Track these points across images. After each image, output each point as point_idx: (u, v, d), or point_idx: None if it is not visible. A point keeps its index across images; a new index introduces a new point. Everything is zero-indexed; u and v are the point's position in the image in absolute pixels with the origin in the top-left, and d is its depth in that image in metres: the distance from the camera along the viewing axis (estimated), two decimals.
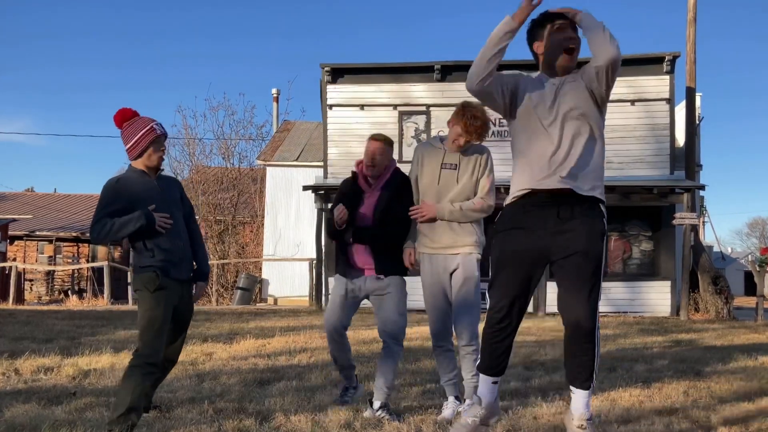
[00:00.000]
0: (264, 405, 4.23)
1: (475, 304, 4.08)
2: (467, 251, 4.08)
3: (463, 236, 4.10)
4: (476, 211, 4.12)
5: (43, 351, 6.38)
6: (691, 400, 4.55)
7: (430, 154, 4.16)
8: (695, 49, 16.06)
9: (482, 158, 4.13)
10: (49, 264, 27.28)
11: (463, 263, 4.05)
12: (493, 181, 4.15)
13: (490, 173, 4.13)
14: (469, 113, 3.99)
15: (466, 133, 4.01)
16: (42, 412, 4.00)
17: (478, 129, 4.04)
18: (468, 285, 4.04)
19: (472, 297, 4.05)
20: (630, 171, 14.91)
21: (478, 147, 4.17)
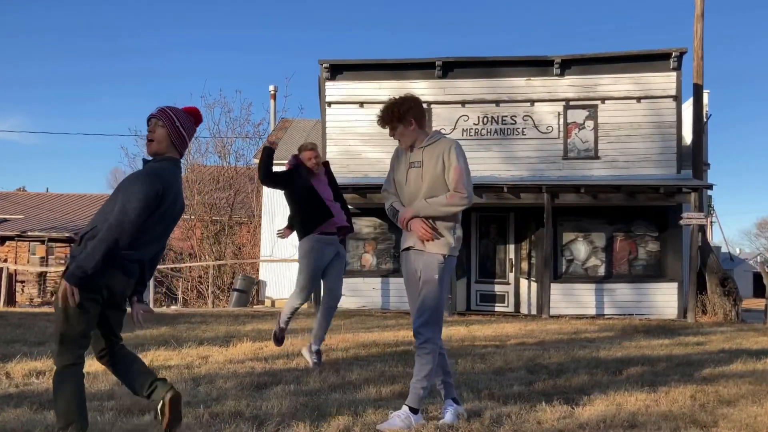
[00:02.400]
0: (261, 410, 4.23)
1: (432, 307, 3.97)
2: (433, 251, 4.00)
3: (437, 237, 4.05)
4: (447, 205, 3.96)
5: (34, 354, 6.38)
6: (699, 405, 4.55)
7: (400, 157, 4.21)
8: (703, 45, 16.06)
9: (446, 151, 4.01)
10: (41, 265, 27.28)
11: (425, 264, 4.00)
12: (462, 171, 3.96)
13: (457, 164, 3.96)
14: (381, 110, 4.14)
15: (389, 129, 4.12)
16: (34, 416, 4.00)
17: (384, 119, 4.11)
18: (426, 288, 3.98)
19: (428, 301, 3.97)
20: (636, 170, 14.91)
21: (441, 140, 4.08)
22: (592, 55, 15.33)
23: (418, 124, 4.07)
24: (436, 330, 3.98)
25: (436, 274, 3.97)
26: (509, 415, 4.13)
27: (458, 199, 3.94)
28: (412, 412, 3.93)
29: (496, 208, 15.88)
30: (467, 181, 3.96)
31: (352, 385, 5.09)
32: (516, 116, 15.43)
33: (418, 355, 3.98)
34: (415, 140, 4.09)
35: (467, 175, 3.98)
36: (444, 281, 4.01)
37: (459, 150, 4.02)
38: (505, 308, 15.92)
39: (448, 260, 4.01)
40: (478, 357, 6.70)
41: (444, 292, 4.03)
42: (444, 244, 4.00)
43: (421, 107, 4.12)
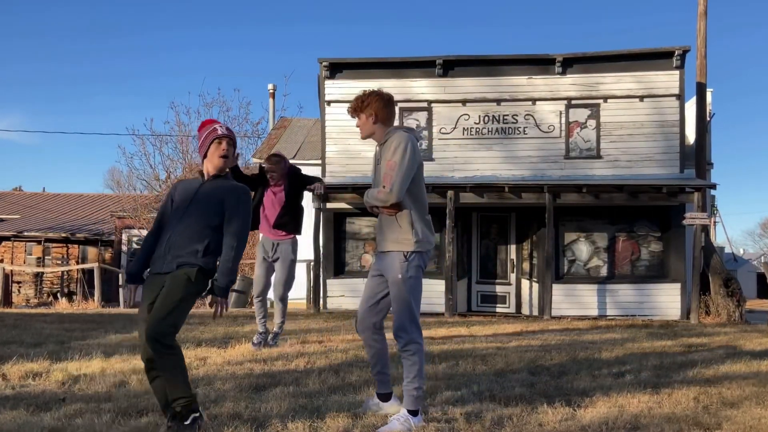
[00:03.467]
0: (260, 411, 4.23)
1: (405, 308, 3.98)
2: (391, 248, 4.02)
3: (386, 233, 4.06)
4: (374, 198, 4.00)
5: (31, 356, 6.38)
6: (702, 407, 4.55)
7: (375, 155, 4.28)
8: (706, 43, 16.07)
9: (391, 144, 4.02)
10: (37, 265, 27.28)
11: (388, 265, 4.03)
12: (393, 165, 3.93)
13: (390, 158, 3.95)
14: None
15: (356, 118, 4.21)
16: (30, 418, 4.00)
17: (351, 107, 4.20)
18: (393, 289, 4.01)
19: (399, 302, 3.98)
20: (638, 169, 14.92)
21: (394, 134, 4.08)
22: (594, 54, 15.33)
23: (379, 119, 4.11)
24: (415, 329, 3.99)
25: (399, 273, 3.97)
26: (510, 417, 4.13)
27: (382, 194, 3.95)
28: (412, 414, 3.93)
29: (497, 208, 15.88)
30: (398, 177, 3.91)
31: (352, 386, 5.09)
32: (517, 115, 15.43)
33: (404, 358, 3.99)
34: (373, 134, 4.15)
35: (400, 171, 3.92)
36: (412, 279, 3.99)
37: (400, 143, 3.98)
38: (506, 309, 15.92)
39: (413, 258, 3.99)
40: (479, 358, 6.70)
41: (414, 290, 4.00)
42: (402, 239, 3.99)
43: (388, 104, 4.15)
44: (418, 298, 4.04)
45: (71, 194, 34.11)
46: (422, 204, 4.11)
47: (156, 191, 26.71)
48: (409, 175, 3.96)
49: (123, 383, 5.22)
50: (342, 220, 16.01)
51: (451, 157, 15.49)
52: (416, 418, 3.94)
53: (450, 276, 14.46)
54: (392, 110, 4.18)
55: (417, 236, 3.98)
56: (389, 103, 4.17)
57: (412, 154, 3.97)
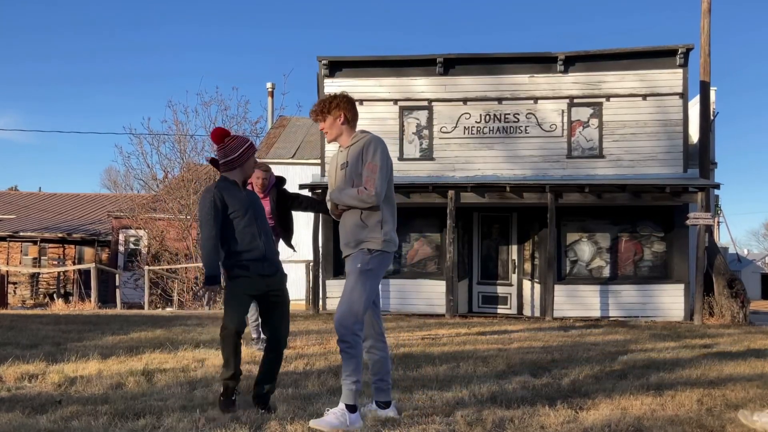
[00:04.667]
0: (258, 414, 4.23)
1: (352, 300, 3.97)
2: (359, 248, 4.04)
3: (354, 233, 4.07)
4: (354, 198, 4.02)
5: (27, 357, 6.38)
6: (706, 409, 4.55)
7: (334, 157, 4.30)
8: (710, 41, 16.06)
9: (365, 147, 4.07)
10: (33, 266, 27.28)
11: (352, 259, 4.06)
12: (375, 168, 4.00)
13: (371, 161, 4.01)
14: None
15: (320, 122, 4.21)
16: (26, 421, 4.00)
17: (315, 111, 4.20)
18: (348, 279, 4.05)
19: (348, 292, 4.01)
20: (641, 169, 14.92)
21: (364, 137, 4.13)
22: (596, 52, 15.32)
23: (346, 120, 4.16)
24: (357, 322, 3.96)
25: (359, 263, 4.00)
26: (512, 419, 4.13)
27: (365, 196, 3.99)
28: (349, 410, 3.92)
29: (499, 208, 15.88)
30: (380, 179, 3.99)
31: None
32: (519, 114, 15.43)
33: (342, 350, 3.98)
34: (340, 135, 4.17)
35: (381, 173, 4.00)
36: (370, 276, 3.99)
37: (377, 146, 4.05)
38: (507, 310, 15.92)
39: (377, 255, 4.01)
40: (480, 360, 6.70)
41: (368, 287, 3.99)
42: (369, 238, 4.01)
43: (353, 107, 4.22)
44: (370, 294, 4.01)
45: (68, 194, 34.11)
46: (392, 205, 4.15)
47: (153, 191, 26.71)
48: (388, 177, 4.05)
49: (120, 385, 5.22)
50: None
51: (451, 157, 15.49)
52: (355, 414, 3.93)
53: (451, 277, 14.46)
54: (356, 112, 4.25)
55: (386, 236, 4.02)
56: (355, 105, 4.25)
57: (387, 157, 4.08)
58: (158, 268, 21.52)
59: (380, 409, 4.24)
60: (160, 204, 24.56)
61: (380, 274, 4.09)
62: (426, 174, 15.43)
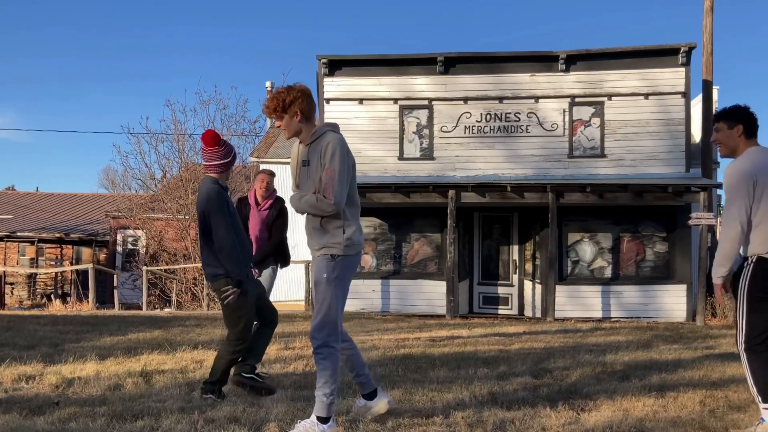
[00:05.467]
0: (257, 415, 4.23)
1: (324, 310, 3.89)
2: (320, 253, 3.92)
3: (316, 238, 3.96)
4: (314, 207, 3.86)
5: (24, 358, 6.38)
6: (708, 410, 4.55)
7: (296, 150, 4.11)
8: (712, 39, 16.06)
9: (324, 149, 3.86)
10: (30, 266, 27.29)
11: (316, 266, 3.95)
12: (333, 174, 3.80)
13: (329, 166, 3.81)
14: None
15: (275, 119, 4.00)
16: (23, 422, 4.00)
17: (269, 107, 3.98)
18: (316, 290, 3.93)
19: (319, 303, 3.91)
20: (643, 168, 14.92)
21: (324, 135, 3.93)
22: (598, 51, 15.32)
23: (305, 116, 3.95)
24: (331, 332, 3.89)
25: (324, 273, 3.88)
26: (513, 421, 4.13)
27: (324, 205, 3.81)
28: (321, 421, 3.83)
29: (500, 208, 15.88)
30: (339, 185, 3.80)
31: (351, 390, 5.09)
32: (520, 113, 15.43)
33: (316, 361, 3.91)
34: (299, 132, 3.98)
35: (340, 179, 3.80)
36: (338, 284, 3.88)
37: (336, 149, 3.84)
38: (508, 311, 15.92)
39: (340, 260, 3.89)
40: (481, 361, 6.70)
41: (338, 294, 3.90)
42: (331, 243, 3.89)
43: (310, 99, 4.00)
44: (341, 301, 3.93)
45: (65, 194, 34.11)
46: (355, 205, 4.01)
47: (151, 191, 26.70)
48: (348, 181, 3.87)
49: (118, 386, 5.22)
50: None
51: (452, 156, 15.49)
52: (327, 424, 3.85)
53: (451, 277, 14.46)
54: (313, 105, 4.02)
55: (348, 240, 3.90)
56: (311, 98, 4.02)
57: (346, 158, 3.87)
58: (156, 269, 21.52)
59: (369, 401, 4.19)
60: (158, 204, 24.56)
61: (348, 277, 3.97)
62: (426, 174, 15.43)
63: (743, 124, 4.15)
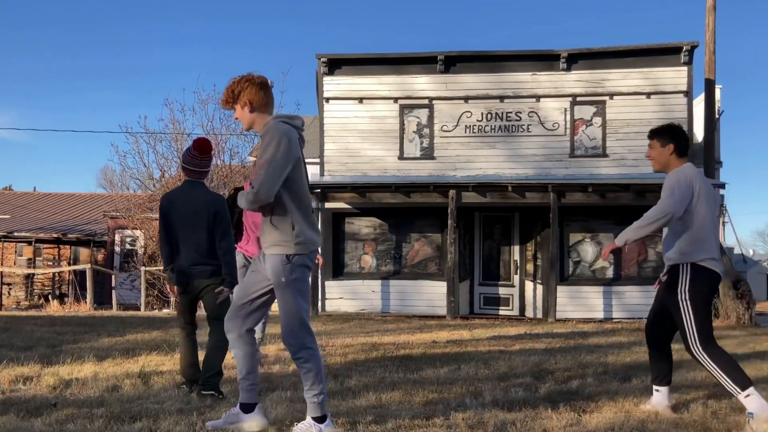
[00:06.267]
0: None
1: (292, 313, 3.79)
2: (272, 252, 3.81)
3: (266, 235, 3.84)
4: (243, 199, 3.74)
5: (21, 359, 6.38)
6: (711, 412, 4.55)
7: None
8: (715, 38, 16.06)
9: (263, 139, 3.76)
10: (28, 267, 27.28)
11: (271, 269, 3.82)
12: (263, 165, 3.67)
13: (261, 154, 3.71)
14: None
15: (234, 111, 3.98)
16: (21, 424, 4.00)
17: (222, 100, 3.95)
18: (278, 294, 3.82)
19: (285, 307, 3.81)
20: (645, 168, 14.90)
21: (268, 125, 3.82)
22: (600, 49, 15.32)
23: (254, 107, 3.87)
24: (306, 333, 3.81)
25: (282, 277, 3.77)
26: (514, 422, 4.13)
27: (250, 195, 3.68)
28: (317, 421, 3.79)
29: (501, 208, 15.88)
30: (266, 176, 3.65)
31: (351, 391, 5.09)
32: (521, 112, 15.43)
33: (298, 365, 3.84)
34: (253, 123, 3.91)
35: (269, 169, 3.66)
36: (296, 284, 3.79)
37: (272, 139, 3.72)
38: (509, 311, 15.92)
39: (294, 260, 3.77)
40: (482, 362, 6.71)
41: (298, 295, 3.80)
42: (281, 241, 3.78)
43: (262, 89, 3.90)
44: (305, 300, 3.85)
45: (63, 194, 34.10)
46: (304, 202, 3.88)
47: (150, 190, 26.68)
48: (281, 173, 3.69)
49: (116, 388, 5.22)
50: (341, 220, 16.02)
51: (452, 156, 15.50)
52: (324, 424, 3.80)
53: (452, 277, 14.46)
54: (268, 95, 3.93)
55: (298, 238, 3.78)
56: (263, 87, 3.91)
57: (286, 149, 3.70)
58: (155, 269, 21.52)
59: (243, 413, 3.95)
60: (156, 204, 24.53)
61: (306, 276, 3.86)
62: (427, 173, 15.43)
63: (675, 143, 4.61)
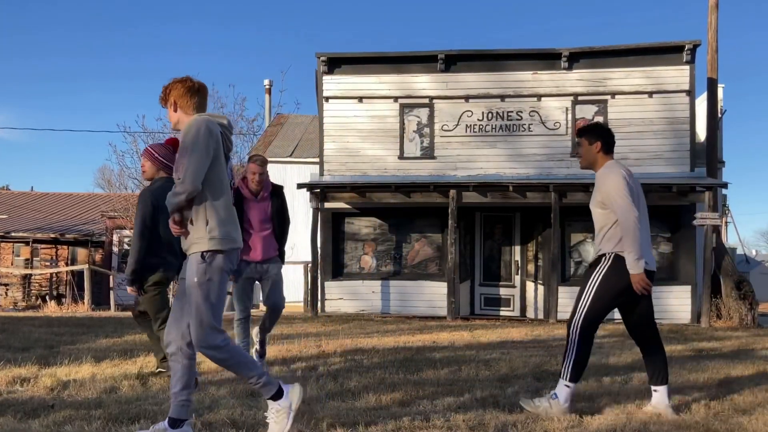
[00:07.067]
0: (256, 418, 4.23)
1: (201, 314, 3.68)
2: (190, 251, 3.74)
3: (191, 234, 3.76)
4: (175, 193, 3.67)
5: (19, 360, 6.38)
6: (713, 413, 4.55)
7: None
8: (717, 37, 16.06)
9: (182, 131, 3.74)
10: (25, 267, 27.28)
11: (187, 267, 3.76)
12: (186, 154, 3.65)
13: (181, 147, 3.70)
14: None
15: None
16: (18, 425, 4.00)
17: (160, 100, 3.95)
18: (189, 293, 3.72)
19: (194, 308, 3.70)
20: (647, 167, 14.91)
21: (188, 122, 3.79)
22: (601, 48, 15.33)
23: (180, 108, 3.86)
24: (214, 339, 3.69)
25: (195, 276, 3.68)
26: (515, 424, 4.13)
27: (177, 186, 3.67)
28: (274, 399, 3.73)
29: (501, 208, 15.89)
30: (189, 164, 3.62)
31: (351, 392, 5.09)
32: (522, 112, 15.43)
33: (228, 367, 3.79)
34: (177, 123, 3.89)
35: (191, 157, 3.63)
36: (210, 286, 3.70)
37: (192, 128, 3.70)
38: (510, 312, 15.93)
39: (209, 260, 3.69)
40: (483, 363, 6.71)
41: (212, 298, 3.70)
42: (196, 239, 3.71)
43: (190, 91, 3.86)
44: (216, 303, 3.72)
45: (60, 193, 34.11)
46: (223, 198, 3.79)
47: None
48: (206, 160, 3.66)
49: (114, 389, 5.22)
50: (341, 220, 16.02)
51: (453, 155, 15.50)
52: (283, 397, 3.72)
53: (452, 278, 14.46)
54: (194, 98, 3.87)
55: (212, 232, 3.68)
56: (191, 91, 3.86)
57: (206, 138, 3.67)
58: None
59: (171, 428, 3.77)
60: None
61: (222, 279, 3.75)
62: (427, 173, 15.43)
63: (601, 141, 4.76)
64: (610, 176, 4.63)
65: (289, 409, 3.77)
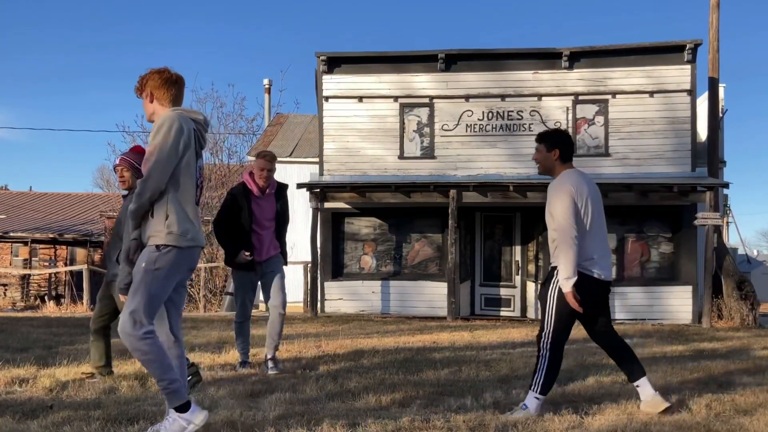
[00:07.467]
0: (255, 419, 4.23)
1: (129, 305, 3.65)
2: (148, 243, 3.72)
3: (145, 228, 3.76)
4: (137, 193, 3.69)
5: (17, 361, 6.38)
6: (714, 414, 4.55)
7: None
8: (718, 36, 16.06)
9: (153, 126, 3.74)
10: (24, 267, 27.28)
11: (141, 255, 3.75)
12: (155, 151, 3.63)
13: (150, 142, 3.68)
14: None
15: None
16: (17, 426, 4.00)
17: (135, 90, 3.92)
18: (134, 275, 3.70)
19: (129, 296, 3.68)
20: (648, 167, 14.92)
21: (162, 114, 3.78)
22: (602, 48, 15.32)
23: (155, 98, 3.83)
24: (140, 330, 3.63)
25: (143, 263, 3.67)
26: (515, 424, 4.13)
27: (139, 186, 3.68)
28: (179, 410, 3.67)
29: (502, 208, 15.88)
30: (153, 165, 3.62)
31: (351, 393, 5.09)
32: (522, 111, 15.43)
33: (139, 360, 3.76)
34: (152, 115, 3.87)
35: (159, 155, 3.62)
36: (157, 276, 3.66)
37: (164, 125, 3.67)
38: (511, 313, 15.92)
39: (163, 253, 3.66)
40: (483, 364, 6.71)
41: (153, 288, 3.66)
42: (153, 232, 3.69)
43: (167, 83, 3.84)
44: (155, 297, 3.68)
45: (59, 193, 34.12)
46: (186, 194, 3.76)
47: None
48: (174, 159, 3.65)
49: (113, 389, 5.22)
50: (340, 220, 16.02)
51: (453, 155, 15.50)
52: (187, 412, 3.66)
53: (452, 278, 14.46)
54: (171, 90, 3.84)
55: (170, 228, 3.66)
56: (168, 82, 3.83)
57: (177, 135, 3.65)
58: None
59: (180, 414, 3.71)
60: None
61: (172, 275, 3.72)
62: (427, 173, 15.43)
63: (560, 149, 4.76)
64: (558, 193, 4.57)
65: (187, 424, 3.65)
